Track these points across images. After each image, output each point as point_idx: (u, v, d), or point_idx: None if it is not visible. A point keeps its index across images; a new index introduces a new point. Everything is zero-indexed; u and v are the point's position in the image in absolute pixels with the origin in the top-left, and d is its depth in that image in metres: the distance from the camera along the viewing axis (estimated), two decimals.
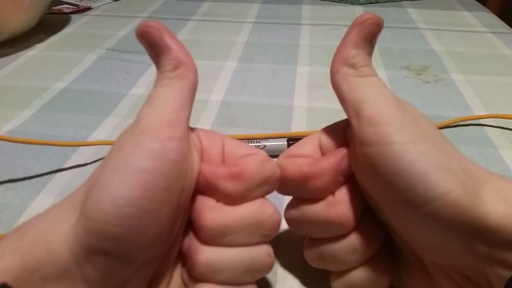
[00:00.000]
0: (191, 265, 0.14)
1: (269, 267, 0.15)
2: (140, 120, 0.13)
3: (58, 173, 0.25)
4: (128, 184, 0.12)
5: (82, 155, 0.26)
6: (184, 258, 0.15)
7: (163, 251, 0.14)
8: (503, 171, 0.25)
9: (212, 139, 0.15)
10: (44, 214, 0.13)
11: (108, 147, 0.13)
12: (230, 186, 0.14)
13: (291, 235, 0.20)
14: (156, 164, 0.12)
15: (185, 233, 0.15)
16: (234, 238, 0.14)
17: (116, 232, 0.12)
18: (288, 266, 0.19)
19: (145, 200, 0.12)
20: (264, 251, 0.15)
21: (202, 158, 0.15)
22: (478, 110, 0.31)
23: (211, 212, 0.14)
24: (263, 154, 0.15)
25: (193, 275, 0.14)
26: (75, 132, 0.28)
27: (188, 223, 0.15)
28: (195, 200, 0.15)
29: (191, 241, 0.15)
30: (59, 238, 0.12)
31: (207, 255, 0.14)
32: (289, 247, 0.20)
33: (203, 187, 0.14)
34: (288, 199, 0.17)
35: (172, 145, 0.13)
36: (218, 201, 0.14)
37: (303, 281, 0.18)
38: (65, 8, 0.53)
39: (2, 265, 0.11)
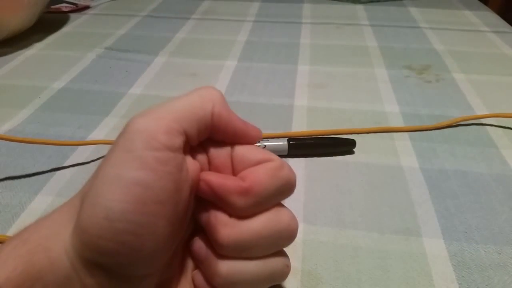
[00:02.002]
0: (210, 275, 0.14)
1: (286, 277, 0.15)
2: (137, 119, 0.12)
3: (57, 174, 0.24)
4: (120, 197, 0.11)
5: (80, 154, 0.26)
6: (196, 264, 0.15)
7: (166, 262, 0.14)
8: (504, 171, 0.24)
9: (220, 146, 0.15)
10: (45, 219, 0.13)
11: (107, 147, 0.13)
12: (239, 201, 0.13)
13: None
14: (149, 176, 0.12)
15: (195, 240, 0.15)
16: (252, 251, 0.14)
17: (110, 247, 0.11)
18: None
19: (139, 214, 0.11)
20: (283, 263, 0.14)
21: (209, 168, 0.14)
22: (480, 109, 0.31)
23: (226, 228, 0.13)
24: (276, 161, 0.14)
25: (212, 283, 0.14)
26: (74, 132, 0.28)
27: (196, 229, 0.15)
28: (209, 214, 0.14)
29: (207, 252, 0.14)
30: (58, 247, 0.12)
31: (227, 267, 0.14)
32: (290, 248, 0.19)
33: (213, 200, 0.14)
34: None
35: (166, 156, 0.12)
36: (230, 214, 0.14)
37: (303, 282, 0.18)
38: (63, 7, 0.52)
39: (6, 272, 0.11)
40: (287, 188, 0.14)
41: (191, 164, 0.14)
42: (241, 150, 0.14)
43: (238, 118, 0.15)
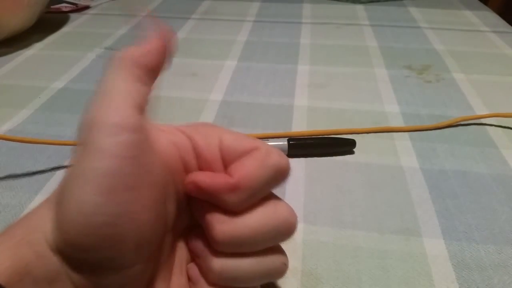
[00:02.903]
0: (204, 270, 0.14)
1: (284, 274, 0.15)
2: (88, 112, 0.12)
3: (57, 174, 0.24)
4: (90, 191, 0.11)
5: None
6: (193, 257, 0.15)
7: (156, 251, 0.13)
8: (504, 171, 0.24)
9: (208, 137, 0.14)
10: (29, 213, 0.13)
11: None
12: (231, 198, 0.13)
13: (292, 237, 0.20)
14: (113, 163, 0.11)
15: (192, 234, 0.15)
16: (249, 247, 0.13)
17: (91, 242, 0.11)
18: (289, 268, 0.19)
19: (113, 205, 0.11)
20: (280, 261, 0.14)
21: (198, 163, 0.14)
22: (480, 109, 0.31)
23: (222, 224, 0.13)
24: (262, 149, 0.14)
25: (206, 278, 0.14)
26: (74, 132, 0.28)
27: (195, 223, 0.15)
28: (204, 210, 0.14)
29: (203, 247, 0.14)
30: (41, 241, 0.12)
31: (221, 264, 0.13)
32: (290, 248, 0.20)
33: (205, 199, 0.14)
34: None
35: (124, 139, 0.12)
36: (225, 209, 0.13)
37: (303, 282, 0.18)
38: (63, 7, 0.52)
39: None
40: (278, 174, 0.14)
41: (161, 141, 0.13)
42: (229, 140, 0.14)
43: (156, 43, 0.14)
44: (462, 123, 0.29)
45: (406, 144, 0.27)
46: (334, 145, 0.26)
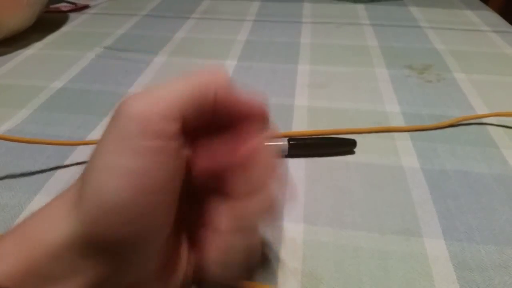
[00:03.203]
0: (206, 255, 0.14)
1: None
2: (130, 101, 0.12)
3: (56, 174, 0.24)
4: (117, 187, 0.11)
5: (80, 154, 0.26)
6: (194, 243, 0.15)
7: (166, 246, 0.14)
8: (505, 171, 0.24)
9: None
10: (42, 213, 0.13)
11: None
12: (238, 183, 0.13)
13: (292, 237, 0.20)
14: (146, 164, 0.11)
15: (194, 219, 0.15)
16: (247, 228, 0.14)
17: (109, 238, 0.11)
18: (289, 269, 0.19)
19: (136, 204, 0.11)
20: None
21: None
22: (481, 109, 0.30)
23: (226, 215, 0.13)
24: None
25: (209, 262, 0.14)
26: (73, 132, 0.28)
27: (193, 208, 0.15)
28: (207, 203, 0.14)
29: (206, 232, 0.14)
30: (56, 240, 0.12)
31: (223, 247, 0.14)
32: (290, 248, 0.19)
33: (207, 180, 0.14)
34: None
35: (162, 144, 0.12)
36: (226, 193, 0.14)
37: (303, 283, 0.18)
38: (63, 6, 0.52)
39: (5, 268, 0.11)
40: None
41: (185, 150, 0.14)
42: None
43: (242, 101, 0.14)
44: (463, 123, 0.29)
45: (407, 144, 0.27)
46: (335, 145, 0.26)
